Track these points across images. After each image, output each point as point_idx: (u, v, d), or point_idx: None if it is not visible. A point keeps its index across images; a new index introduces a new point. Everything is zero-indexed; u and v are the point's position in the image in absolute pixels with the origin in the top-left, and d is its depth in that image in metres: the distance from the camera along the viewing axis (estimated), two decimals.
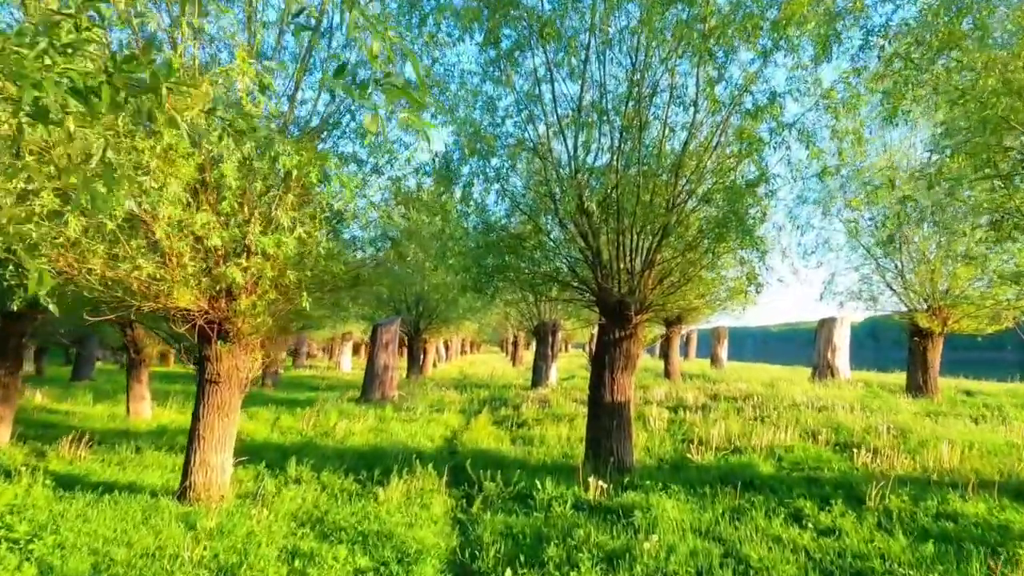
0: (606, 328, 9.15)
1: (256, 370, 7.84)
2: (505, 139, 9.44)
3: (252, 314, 7.20)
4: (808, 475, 8.38)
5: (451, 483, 8.50)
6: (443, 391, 20.36)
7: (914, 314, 17.72)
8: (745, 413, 13.05)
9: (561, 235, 9.84)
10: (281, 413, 15.68)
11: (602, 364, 9.14)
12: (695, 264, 8.95)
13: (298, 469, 9.09)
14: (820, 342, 23.36)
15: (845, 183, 16.16)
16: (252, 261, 6.41)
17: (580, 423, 12.64)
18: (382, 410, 15.48)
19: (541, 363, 22.13)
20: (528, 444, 11.03)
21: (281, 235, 6.18)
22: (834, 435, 10.32)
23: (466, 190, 9.57)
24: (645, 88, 8.49)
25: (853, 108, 8.17)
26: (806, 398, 14.74)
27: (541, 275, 10.13)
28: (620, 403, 9.00)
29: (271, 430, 13.10)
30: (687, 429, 11.48)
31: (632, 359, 9.16)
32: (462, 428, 13.38)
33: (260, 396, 20.49)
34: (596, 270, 9.09)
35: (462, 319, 28.09)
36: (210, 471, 7.51)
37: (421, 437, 11.80)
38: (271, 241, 6.09)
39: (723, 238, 8.28)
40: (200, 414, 7.55)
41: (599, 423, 9.03)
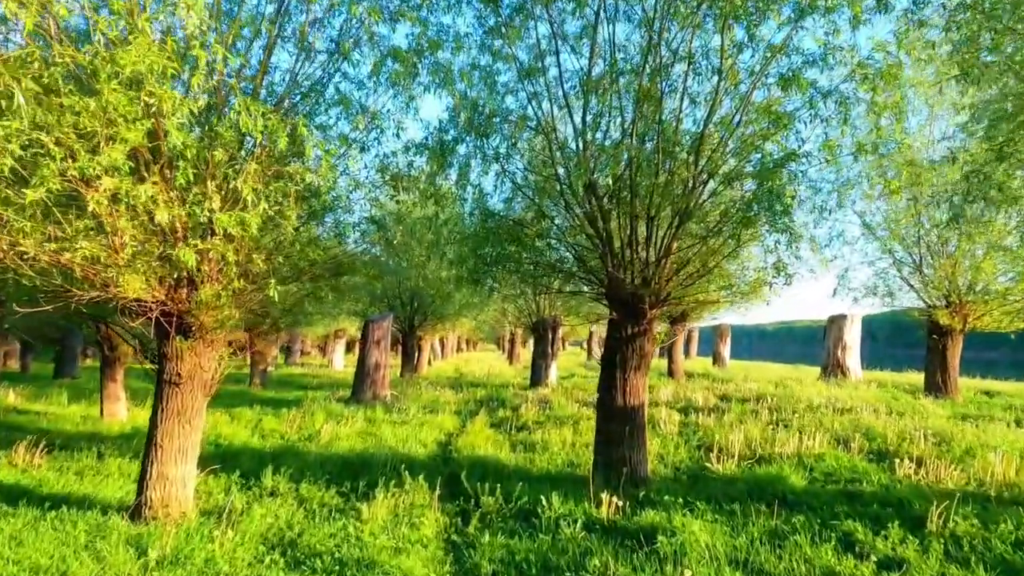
0: (617, 324, 8.23)
1: (223, 369, 6.88)
2: (506, 115, 8.52)
3: (216, 306, 6.25)
4: (845, 489, 7.47)
5: (445, 496, 7.57)
6: (438, 390, 19.42)
7: (933, 311, 16.87)
8: (761, 416, 12.14)
9: (567, 221, 8.90)
10: (265, 414, 14.73)
11: (612, 363, 8.22)
12: (716, 253, 8.03)
13: (274, 480, 8.17)
14: (830, 340, 22.48)
15: (863, 169, 15.30)
16: (211, 243, 5.45)
17: (585, 426, 11.72)
18: (372, 411, 14.54)
19: (540, 361, 21.20)
20: (530, 450, 10.10)
21: (244, 212, 5.23)
22: (866, 442, 9.40)
23: (462, 171, 8.66)
24: (663, 55, 7.58)
25: (893, 79, 7.27)
26: (824, 399, 13.85)
27: (544, 266, 9.20)
28: (633, 406, 8.09)
29: (251, 433, 12.15)
30: (702, 434, 10.56)
31: (646, 358, 8.24)
32: (457, 431, 12.45)
33: (246, 395, 19.56)
34: (606, 259, 8.16)
35: (458, 316, 27.17)
36: (169, 485, 6.56)
37: (413, 442, 10.86)
38: (231, 219, 5.13)
39: (750, 223, 7.37)
40: (158, 420, 6.61)
41: (610, 428, 8.11)
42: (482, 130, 8.31)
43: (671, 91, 7.85)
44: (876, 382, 19.80)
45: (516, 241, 8.85)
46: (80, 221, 5.36)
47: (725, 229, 7.73)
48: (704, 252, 8.21)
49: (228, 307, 6.26)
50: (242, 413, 14.84)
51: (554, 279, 9.25)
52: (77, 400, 17.36)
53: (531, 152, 9.18)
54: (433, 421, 13.13)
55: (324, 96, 6.94)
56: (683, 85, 7.61)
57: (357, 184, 6.71)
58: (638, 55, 7.77)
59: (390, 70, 6.97)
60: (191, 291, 6.35)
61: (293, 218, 5.93)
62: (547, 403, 15.26)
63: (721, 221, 7.75)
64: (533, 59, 8.30)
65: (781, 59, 7.17)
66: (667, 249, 7.90)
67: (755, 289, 8.15)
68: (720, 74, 7.39)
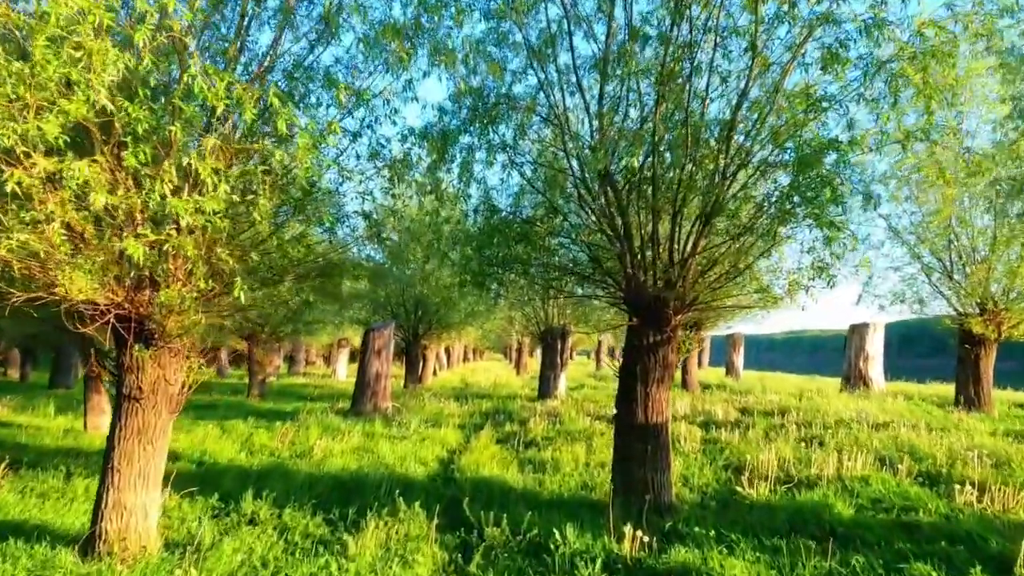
0: (637, 331, 7.37)
1: (190, 382, 6.05)
2: (513, 102, 7.72)
3: (181, 310, 5.43)
4: (899, 519, 6.56)
5: (444, 526, 6.71)
6: (441, 402, 18.55)
7: (966, 319, 15.92)
8: (789, 432, 11.22)
9: (581, 218, 8.07)
10: (259, 427, 13.90)
11: (632, 375, 7.35)
12: (748, 252, 7.17)
13: (256, 504, 7.33)
14: (851, 350, 21.51)
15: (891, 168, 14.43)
16: (165, 234, 4.63)
17: (599, 443, 10.84)
18: (371, 425, 13.69)
19: (549, 372, 20.28)
20: (539, 470, 9.22)
21: (207, 197, 4.41)
22: (914, 463, 8.46)
23: (465, 163, 7.85)
24: (687, 32, 6.77)
25: (947, 57, 6.44)
26: (854, 413, 12.90)
27: (556, 268, 8.36)
28: (656, 424, 7.21)
29: (240, 449, 11.31)
30: (728, 453, 9.65)
31: (669, 369, 7.38)
32: (461, 447, 11.57)
33: (243, 407, 18.74)
34: (625, 259, 7.32)
35: (464, 324, 26.30)
36: (127, 516, 5.72)
37: (412, 460, 10.00)
38: (186, 205, 4.31)
39: (788, 217, 6.51)
40: (115, 440, 5.77)
41: (630, 448, 7.24)
42: (488, 117, 7.51)
43: (697, 70, 7.02)
44: (902, 394, 18.80)
45: (525, 240, 8.02)
46: (29, 213, 4.57)
47: (759, 224, 6.87)
48: (735, 251, 7.35)
49: (194, 311, 5.43)
50: (235, 426, 14.02)
51: (566, 282, 8.40)
52: (64, 412, 16.59)
53: (541, 143, 8.36)
54: (435, 436, 12.26)
55: (309, 73, 6.12)
56: (710, 62, 6.77)
57: (345, 172, 5.86)
58: (661, 29, 6.97)
59: (387, 52, 6.20)
60: (154, 293, 5.54)
61: (267, 207, 5.10)
62: (557, 416, 14.37)
63: (755, 215, 6.90)
64: (543, 44, 7.52)
65: (825, 29, 6.34)
66: (693, 248, 7.05)
67: (790, 293, 7.25)
68: (754, 50, 6.56)
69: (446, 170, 7.95)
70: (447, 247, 8.38)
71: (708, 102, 7.03)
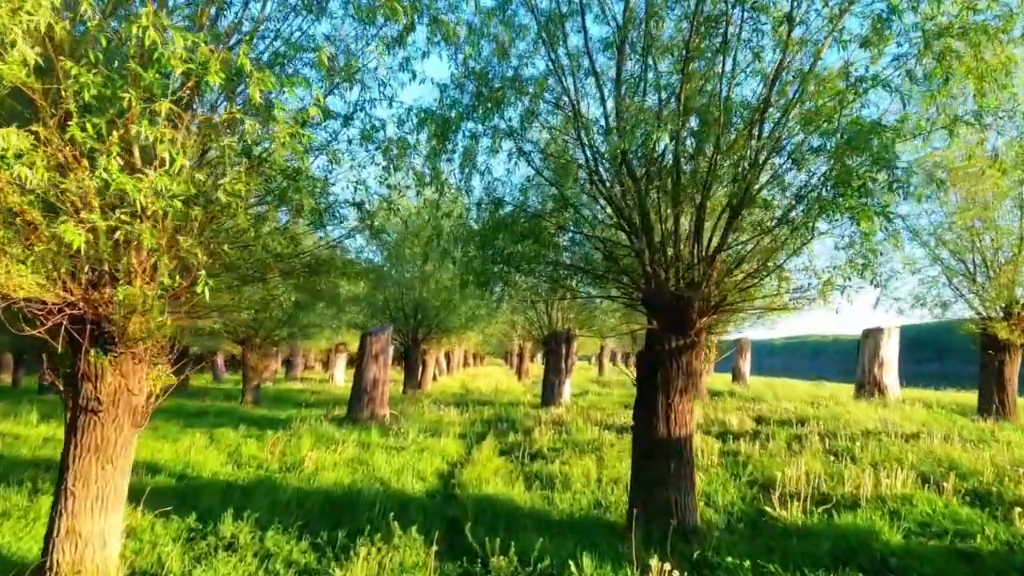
0: (658, 336, 6.67)
1: (157, 391, 5.35)
2: (521, 86, 7.05)
3: (143, 309, 4.73)
4: (954, 546, 5.85)
5: (444, 552, 5.99)
6: (441, 409, 17.83)
7: (990, 323, 15.21)
8: (812, 444, 10.50)
9: (594, 212, 7.38)
10: (250, 436, 13.19)
11: (652, 384, 6.65)
12: (782, 248, 6.48)
13: (236, 526, 6.63)
14: (865, 356, 20.79)
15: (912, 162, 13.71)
16: (116, 219, 3.93)
17: (609, 455, 10.13)
18: (367, 434, 12.97)
19: (553, 378, 19.54)
20: (547, 486, 8.50)
21: (158, 173, 3.71)
22: (959, 481, 7.73)
23: (467, 152, 7.18)
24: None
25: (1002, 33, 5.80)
26: (878, 423, 12.18)
27: (566, 266, 7.67)
28: (679, 438, 6.51)
29: (226, 461, 10.60)
30: (752, 467, 8.91)
31: (694, 377, 6.68)
32: (462, 460, 10.86)
33: (236, 414, 18.00)
34: (644, 256, 6.62)
35: (464, 328, 25.58)
36: (82, 545, 5.01)
37: (409, 474, 9.27)
38: (137, 184, 3.62)
39: (830, 208, 5.81)
40: (70, 459, 5.07)
41: (650, 466, 6.53)
42: (492, 101, 6.83)
43: (725, 47, 6.33)
44: (919, 401, 18.09)
45: (532, 237, 7.33)
46: None
47: (794, 217, 6.18)
48: (766, 247, 6.66)
49: (159, 311, 4.73)
50: (224, 435, 13.32)
51: (578, 282, 7.70)
52: (48, 419, 15.88)
53: (551, 131, 7.67)
54: (434, 447, 11.54)
55: (293, 45, 5.43)
56: (738, 33, 6.07)
57: (334, 155, 5.14)
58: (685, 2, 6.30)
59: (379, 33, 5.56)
60: (115, 291, 4.84)
61: (240, 188, 4.41)
62: (562, 425, 13.66)
63: (789, 207, 6.20)
64: (553, 21, 6.87)
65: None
66: (720, 243, 6.35)
67: (823, 294, 6.55)
68: (790, 22, 5.88)
69: (446, 159, 7.28)
70: (448, 243, 7.68)
71: (735, 84, 6.37)
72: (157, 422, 15.50)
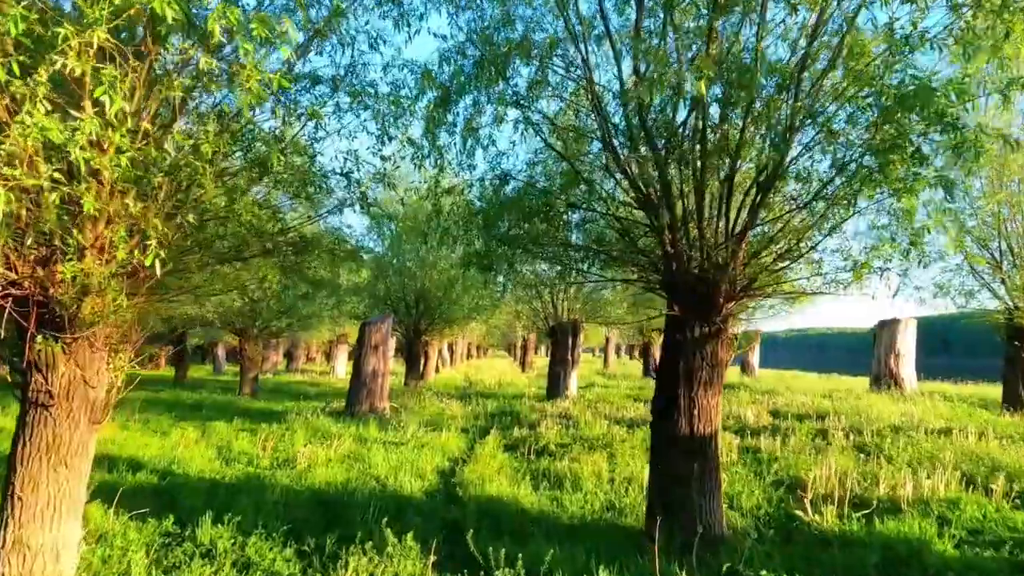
0: (680, 323, 6.02)
1: (119, 383, 4.74)
2: (528, 50, 6.39)
3: (96, 290, 4.11)
4: (1017, 558, 5.22)
5: (445, 562, 5.40)
6: (443, 402, 17.24)
7: (1016, 313, 14.54)
8: (835, 440, 9.87)
9: (608, 187, 6.73)
10: (244, 430, 12.62)
11: (673, 376, 6.01)
12: (820, 224, 5.82)
13: (216, 530, 6.04)
14: (880, 348, 20.12)
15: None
16: (44, 177, 3.29)
17: (621, 451, 9.52)
18: (365, 428, 12.37)
19: (559, 370, 18.90)
20: (556, 486, 7.90)
21: (85, 117, 3.08)
22: (1006, 482, 7.07)
23: (470, 123, 6.56)
24: None
25: None
26: (904, 418, 11.54)
27: (577, 247, 7.03)
28: (703, 436, 5.88)
29: (215, 456, 10.01)
30: (777, 466, 8.26)
31: (719, 368, 6.04)
32: (464, 456, 10.26)
33: (232, 406, 17.43)
34: (664, 235, 5.99)
35: (467, 319, 24.97)
36: (31, 558, 4.41)
37: (407, 472, 8.67)
38: (62, 130, 2.99)
39: (871, 179, 5.16)
40: (18, 460, 4.47)
41: (672, 466, 5.90)
42: (497, 66, 6.18)
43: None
44: (938, 394, 17.40)
45: (541, 215, 6.69)
46: None
47: (833, 190, 5.52)
48: (799, 225, 6.02)
49: (115, 291, 4.11)
50: (217, 429, 12.73)
51: (591, 264, 7.04)
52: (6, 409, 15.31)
53: (561, 99, 7.02)
54: (435, 442, 10.94)
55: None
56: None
57: (314, 114, 4.49)
58: None
59: None
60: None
61: (205, 150, 3.77)
62: (569, 419, 13.04)
63: (829, 179, 5.54)
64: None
65: None
66: (751, 220, 5.71)
67: (858, 276, 5.91)
68: None
69: (446, 131, 6.65)
70: (449, 223, 7.04)
71: (766, 41, 5.70)
72: (149, 415, 14.97)
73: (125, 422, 13.67)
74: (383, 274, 22.18)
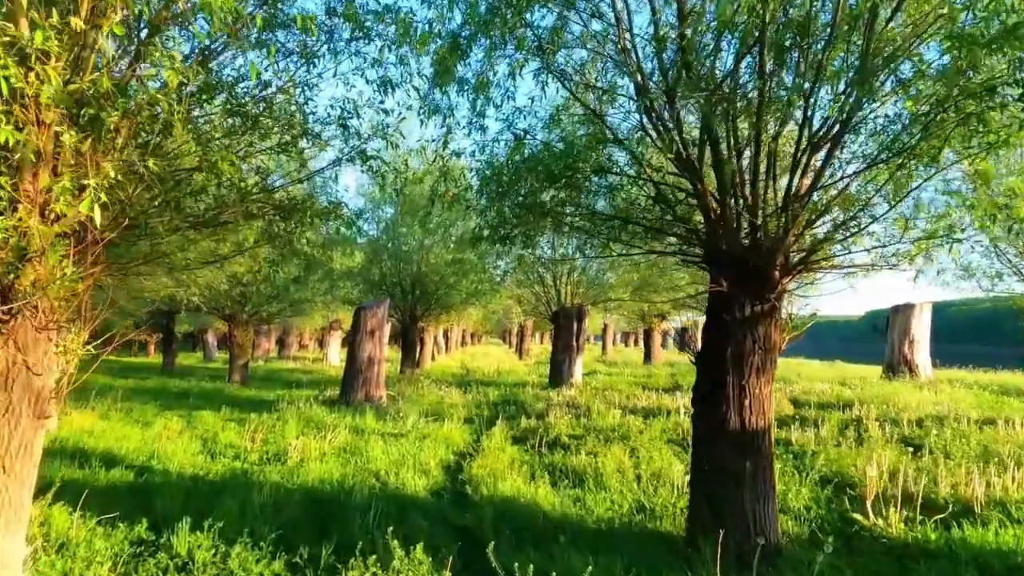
0: (727, 301, 5.23)
1: (72, 369, 3.92)
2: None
3: (37, 255, 3.29)
4: None
5: (459, 571, 4.63)
6: (442, 390, 16.46)
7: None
8: (871, 431, 9.14)
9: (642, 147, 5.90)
10: (232, 420, 11.84)
11: (720, 361, 5.23)
12: (900, 186, 5.02)
13: (195, 537, 5.25)
14: (894, 334, 19.43)
15: None
16: None
17: (641, 443, 8.78)
18: (361, 418, 11.60)
19: (562, 356, 18.12)
20: (575, 483, 7.14)
21: None
22: None
23: (481, 80, 5.73)
24: None
25: None
26: (938, 407, 10.83)
27: (605, 216, 6.21)
28: (755, 430, 5.11)
29: (199, 450, 9.21)
30: (821, 462, 7.48)
31: (773, 353, 5.27)
32: (470, 448, 9.49)
33: (220, 395, 16.61)
34: (708, 200, 5.19)
35: (465, 305, 24.13)
36: None
37: (410, 468, 7.89)
38: None
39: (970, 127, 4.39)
40: None
41: (719, 463, 5.13)
42: (516, 8, 5.35)
43: None
44: (957, 382, 16.77)
45: (564, 180, 5.87)
46: None
47: (913, 143, 4.72)
48: (861, 189, 5.23)
49: (55, 255, 3.29)
50: (203, 419, 11.95)
51: (619, 235, 6.20)
52: None
53: (586, 46, 6.17)
54: (437, 433, 10.16)
55: None
56: None
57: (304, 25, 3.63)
58: None
59: None
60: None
61: (170, 78, 2.95)
62: (578, 408, 12.28)
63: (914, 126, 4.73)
64: None
65: None
66: (815, 180, 4.91)
67: (923, 248, 5.17)
68: None
69: (456, 86, 5.83)
70: (460, 188, 6.21)
71: None
72: (133, 404, 14.16)
73: (107, 411, 12.86)
74: (378, 258, 21.35)
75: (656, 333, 31.13)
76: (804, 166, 4.90)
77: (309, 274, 19.73)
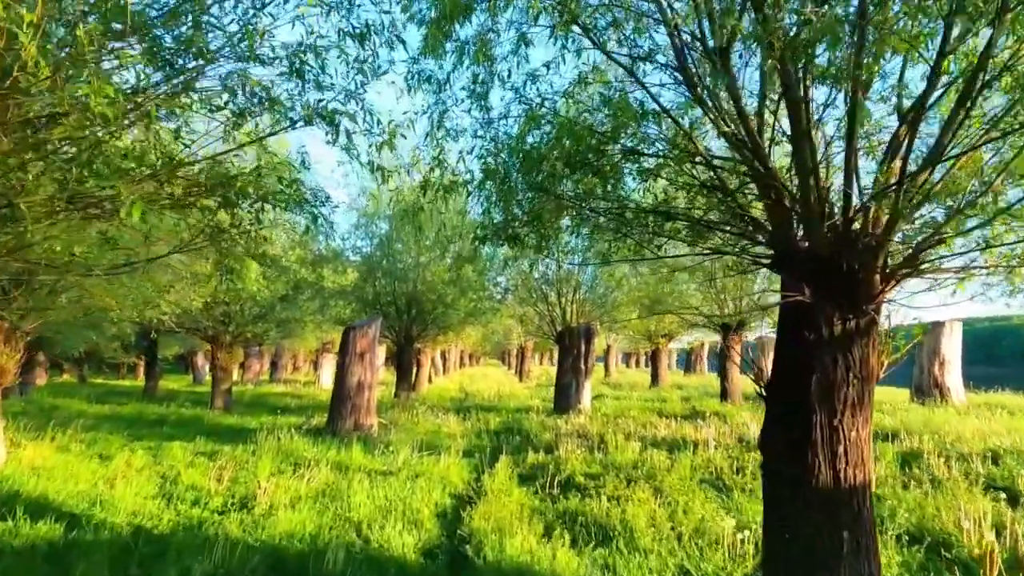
0: (808, 315, 3.97)
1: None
2: None
3: None
4: None
5: None
6: (439, 417, 15.13)
7: None
8: (937, 469, 7.84)
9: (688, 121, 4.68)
10: (201, 452, 10.54)
11: (797, 393, 3.96)
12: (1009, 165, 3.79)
13: None
14: (923, 354, 18.14)
15: None
16: None
17: (670, 484, 7.47)
18: (347, 451, 10.28)
19: (569, 380, 16.77)
20: (600, 541, 5.82)
21: None
22: None
23: (484, 37, 4.58)
24: None
25: None
26: (998, 438, 9.53)
27: (642, 209, 4.95)
28: (853, 487, 3.83)
29: (156, 493, 7.88)
30: (900, 516, 6.11)
31: (870, 382, 3.99)
32: (470, 489, 8.16)
33: (199, 422, 15.25)
34: (778, 183, 3.96)
35: (463, 325, 22.86)
36: None
37: (398, 518, 6.57)
38: None
39: None
40: None
41: (804, 530, 3.84)
42: None
43: None
44: (996, 407, 15.46)
45: (591, 166, 4.65)
46: None
47: None
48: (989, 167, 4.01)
49: None
50: (171, 452, 10.62)
51: (661, 224, 4.93)
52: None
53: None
54: (432, 470, 8.82)
55: None
56: None
57: None
58: None
59: None
60: None
61: None
62: (591, 439, 10.95)
63: None
64: None
65: None
66: (934, 153, 3.68)
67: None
68: None
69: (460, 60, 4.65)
70: (455, 176, 4.98)
71: None
72: (100, 433, 12.83)
73: (67, 443, 11.53)
74: (372, 275, 20.17)
75: (663, 354, 29.78)
76: (904, 138, 3.67)
77: (298, 292, 18.54)
